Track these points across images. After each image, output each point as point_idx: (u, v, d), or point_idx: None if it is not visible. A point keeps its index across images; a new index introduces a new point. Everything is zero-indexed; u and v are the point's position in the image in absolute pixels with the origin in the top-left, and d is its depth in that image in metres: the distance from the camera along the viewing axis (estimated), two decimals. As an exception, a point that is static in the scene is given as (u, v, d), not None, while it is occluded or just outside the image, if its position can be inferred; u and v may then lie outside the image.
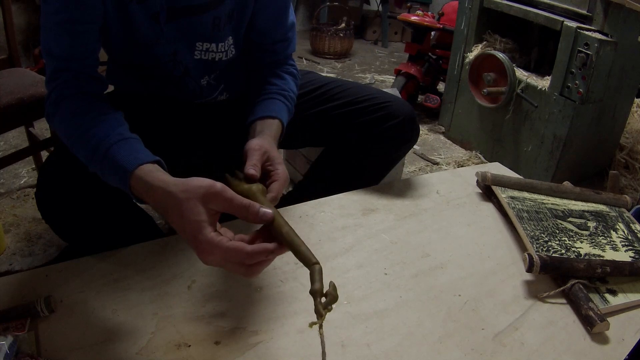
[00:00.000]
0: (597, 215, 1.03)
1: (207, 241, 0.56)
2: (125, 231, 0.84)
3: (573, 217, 1.01)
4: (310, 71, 1.14)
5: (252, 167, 0.69)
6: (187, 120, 0.99)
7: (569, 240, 0.92)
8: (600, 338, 0.75)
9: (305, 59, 3.50)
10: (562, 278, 0.84)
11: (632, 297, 0.82)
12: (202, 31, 0.85)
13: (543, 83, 1.82)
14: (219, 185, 0.59)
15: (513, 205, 0.99)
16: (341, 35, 3.49)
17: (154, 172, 0.65)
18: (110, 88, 1.00)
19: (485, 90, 1.97)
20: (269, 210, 0.60)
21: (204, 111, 0.99)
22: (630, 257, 0.91)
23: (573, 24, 1.67)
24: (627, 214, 1.07)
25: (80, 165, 0.74)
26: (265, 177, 0.72)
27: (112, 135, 0.71)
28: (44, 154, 1.60)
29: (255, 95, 0.92)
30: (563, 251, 0.88)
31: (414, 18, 2.43)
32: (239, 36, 0.92)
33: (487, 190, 1.11)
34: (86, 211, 0.78)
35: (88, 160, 0.72)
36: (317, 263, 0.57)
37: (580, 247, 0.91)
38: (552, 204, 1.04)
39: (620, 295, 0.82)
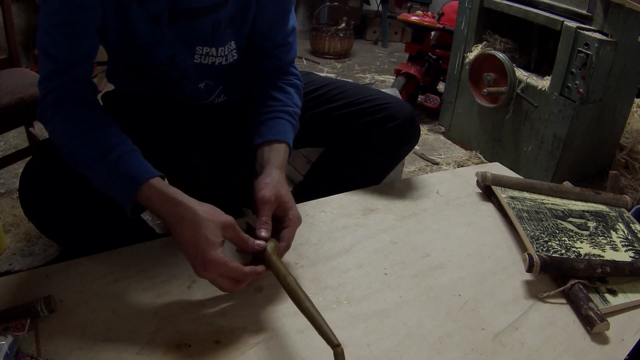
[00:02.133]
0: (597, 215, 1.03)
1: (217, 259, 0.65)
2: (110, 228, 0.84)
3: (573, 217, 1.01)
4: (309, 72, 1.14)
5: (263, 228, 0.72)
6: (186, 121, 0.99)
7: (569, 240, 0.92)
8: (600, 338, 0.75)
9: (305, 59, 3.50)
10: (562, 278, 0.84)
11: (632, 297, 0.82)
12: (202, 34, 0.85)
13: (543, 83, 1.82)
14: (232, 219, 0.69)
15: (513, 205, 0.99)
16: (341, 35, 3.49)
17: (172, 187, 0.70)
18: (110, 87, 1.00)
19: (485, 90, 1.97)
20: (262, 242, 0.71)
21: (202, 112, 0.99)
22: (630, 257, 0.91)
23: (573, 24, 1.67)
24: (627, 214, 1.07)
25: (63, 166, 0.74)
26: (278, 221, 0.76)
27: (124, 145, 0.73)
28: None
29: (258, 112, 0.91)
30: (563, 251, 0.88)
31: (414, 18, 2.43)
32: (241, 40, 0.91)
33: (487, 190, 1.11)
34: (68, 208, 0.77)
35: (89, 162, 0.72)
36: (339, 345, 0.60)
37: (580, 247, 0.91)
38: (552, 204, 1.04)
39: (620, 295, 0.82)
